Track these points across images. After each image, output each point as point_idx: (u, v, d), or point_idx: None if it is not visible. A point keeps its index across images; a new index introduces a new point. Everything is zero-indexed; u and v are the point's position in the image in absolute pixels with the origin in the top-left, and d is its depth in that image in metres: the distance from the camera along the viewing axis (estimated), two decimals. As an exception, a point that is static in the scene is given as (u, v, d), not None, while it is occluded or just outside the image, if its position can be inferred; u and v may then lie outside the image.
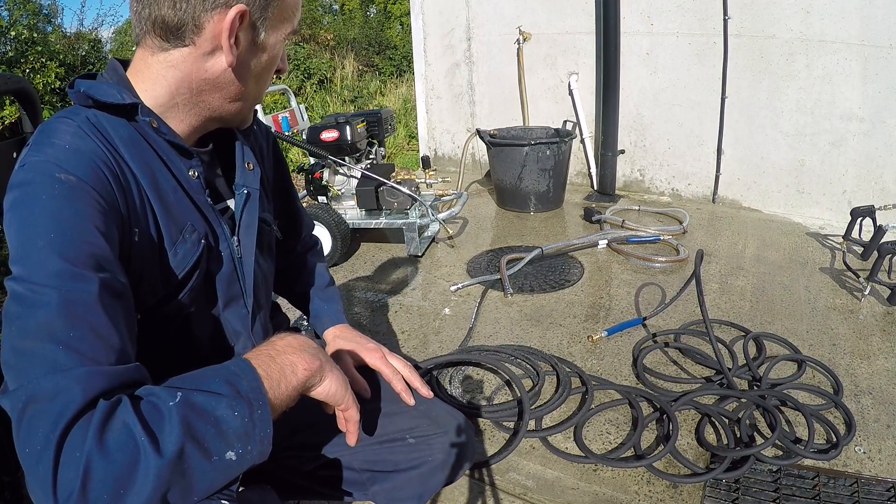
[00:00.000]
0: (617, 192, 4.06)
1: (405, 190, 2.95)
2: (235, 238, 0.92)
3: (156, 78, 0.82)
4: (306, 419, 1.05)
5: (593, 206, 3.75)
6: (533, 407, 1.76)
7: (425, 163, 3.56)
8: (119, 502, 0.53)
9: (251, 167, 0.96)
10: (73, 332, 0.59)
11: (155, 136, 0.82)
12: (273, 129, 3.02)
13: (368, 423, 1.04)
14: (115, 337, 0.63)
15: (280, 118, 3.20)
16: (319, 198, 3.23)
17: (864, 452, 1.56)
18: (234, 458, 0.60)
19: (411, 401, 0.99)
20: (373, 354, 1.07)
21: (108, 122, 0.79)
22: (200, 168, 0.87)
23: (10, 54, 5.62)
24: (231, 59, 0.80)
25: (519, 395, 1.77)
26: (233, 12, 0.76)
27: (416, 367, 1.89)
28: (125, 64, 0.86)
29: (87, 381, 0.57)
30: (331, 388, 0.78)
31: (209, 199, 0.88)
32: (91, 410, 0.55)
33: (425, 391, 1.03)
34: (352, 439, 0.86)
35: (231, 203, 0.95)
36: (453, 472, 1.04)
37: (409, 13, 4.98)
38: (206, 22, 0.77)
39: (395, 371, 1.04)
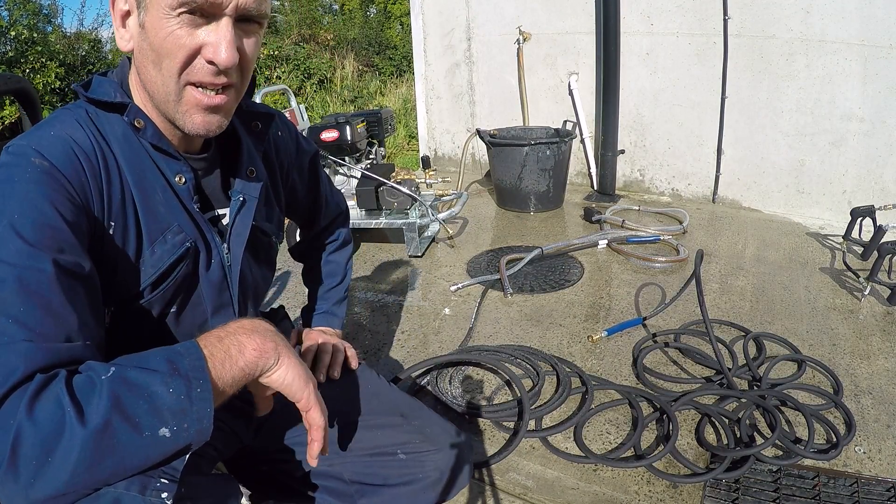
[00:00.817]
0: (617, 192, 4.06)
1: (405, 190, 2.95)
2: (226, 245, 0.91)
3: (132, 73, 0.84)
4: (296, 422, 1.04)
5: (593, 206, 3.75)
6: (533, 407, 1.76)
7: (425, 163, 3.56)
8: (46, 468, 0.55)
9: (253, 174, 0.95)
10: (23, 308, 0.62)
11: (140, 137, 0.82)
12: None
13: (352, 434, 1.02)
14: (67, 315, 0.64)
15: (280, 118, 3.20)
16: (319, 198, 3.23)
17: (864, 452, 1.56)
18: (169, 435, 0.61)
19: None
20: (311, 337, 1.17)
21: (105, 119, 0.80)
22: (190, 174, 0.85)
23: (10, 54, 5.62)
24: (123, 45, 0.79)
25: (519, 395, 1.77)
26: None
27: (397, 378, 1.90)
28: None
29: (29, 356, 0.59)
30: (287, 377, 0.74)
31: (197, 207, 0.86)
32: (28, 383, 0.58)
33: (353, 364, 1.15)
34: (314, 448, 0.78)
35: (224, 210, 0.94)
36: (446, 491, 1.02)
37: (409, 13, 4.98)
38: (111, 9, 0.79)
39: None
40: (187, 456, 0.64)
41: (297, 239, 2.89)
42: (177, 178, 0.84)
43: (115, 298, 0.80)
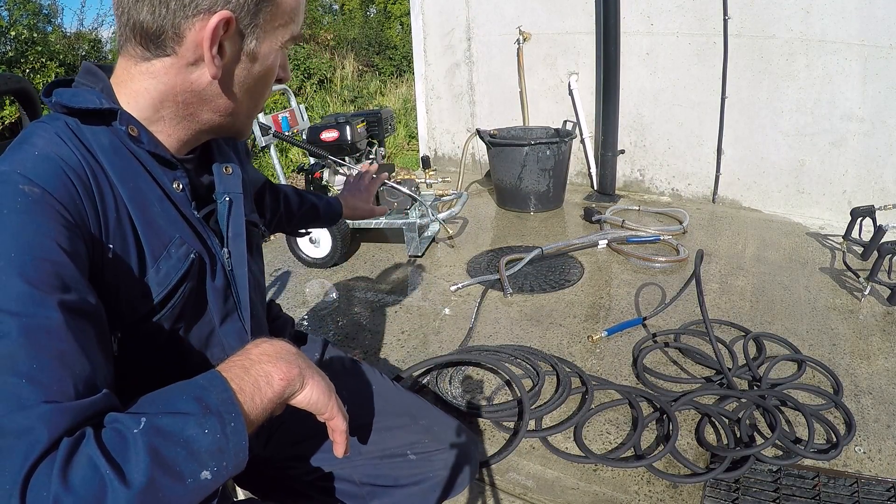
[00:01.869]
0: (617, 192, 4.06)
1: (405, 190, 2.95)
2: (226, 249, 0.88)
3: (138, 89, 0.76)
4: (306, 431, 1.04)
5: (593, 206, 3.75)
6: (533, 407, 1.76)
7: (425, 163, 3.56)
8: None
9: (230, 171, 0.91)
10: (35, 364, 0.56)
11: (134, 145, 0.77)
12: (273, 129, 3.02)
13: (362, 437, 1.02)
14: (83, 363, 0.60)
15: (280, 118, 3.20)
16: (319, 198, 3.22)
17: (864, 452, 1.56)
18: (210, 477, 0.59)
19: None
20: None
21: (88, 130, 0.75)
22: (185, 179, 0.82)
23: (10, 54, 5.62)
24: (214, 71, 0.74)
25: (519, 395, 1.77)
26: (215, 19, 0.70)
27: (399, 377, 1.89)
28: (107, 70, 0.80)
29: (52, 420, 0.55)
30: (311, 396, 0.73)
31: (196, 213, 0.83)
32: (55, 451, 0.54)
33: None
34: (339, 450, 0.78)
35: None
36: (454, 489, 1.03)
37: (409, 13, 4.98)
38: (187, 30, 0.71)
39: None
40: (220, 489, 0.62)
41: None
42: (174, 185, 0.80)
43: (121, 323, 0.76)
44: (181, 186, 0.81)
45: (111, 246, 0.73)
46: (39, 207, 0.64)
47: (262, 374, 0.67)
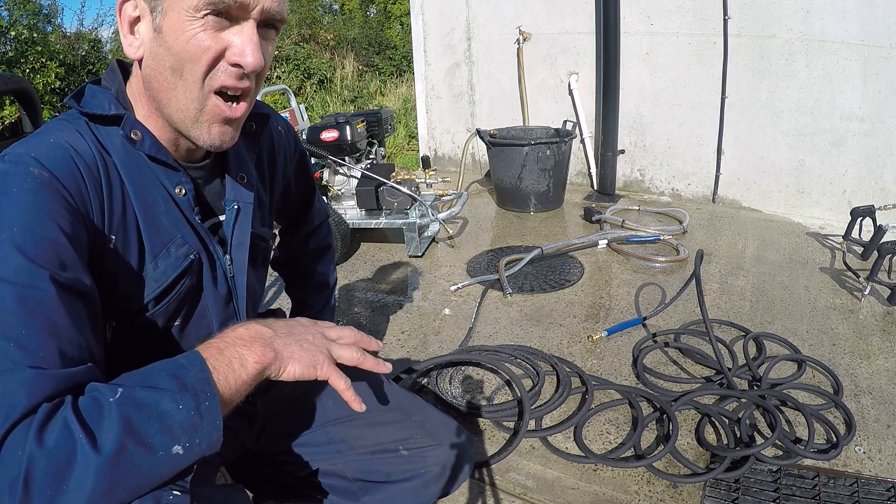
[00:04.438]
0: (617, 192, 4.06)
1: (405, 190, 2.95)
2: (228, 256, 0.89)
3: (136, 87, 0.80)
4: (299, 425, 1.04)
5: (593, 206, 3.75)
6: (533, 407, 1.76)
7: (425, 163, 3.56)
8: (61, 498, 0.53)
9: (244, 180, 0.92)
10: (25, 330, 0.59)
11: (136, 149, 0.79)
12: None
13: (353, 431, 1.02)
14: (70, 336, 0.62)
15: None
16: (319, 198, 3.22)
17: (864, 452, 1.56)
18: (182, 452, 0.60)
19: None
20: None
21: (104, 130, 0.78)
22: (189, 185, 0.83)
23: (10, 54, 5.62)
24: (131, 52, 0.75)
25: (519, 395, 1.77)
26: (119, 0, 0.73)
27: (398, 378, 1.89)
28: (129, 66, 0.83)
29: (33, 385, 0.57)
30: (296, 372, 0.74)
31: (198, 218, 0.84)
32: (34, 414, 0.56)
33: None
34: (354, 406, 0.79)
35: (224, 217, 0.92)
36: (448, 486, 1.02)
37: (409, 13, 4.98)
38: (118, 16, 0.75)
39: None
40: (195, 466, 0.63)
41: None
42: (177, 190, 0.82)
43: (116, 314, 0.78)
44: (184, 191, 0.83)
45: (113, 237, 0.75)
46: (46, 190, 0.68)
47: (235, 357, 0.69)
